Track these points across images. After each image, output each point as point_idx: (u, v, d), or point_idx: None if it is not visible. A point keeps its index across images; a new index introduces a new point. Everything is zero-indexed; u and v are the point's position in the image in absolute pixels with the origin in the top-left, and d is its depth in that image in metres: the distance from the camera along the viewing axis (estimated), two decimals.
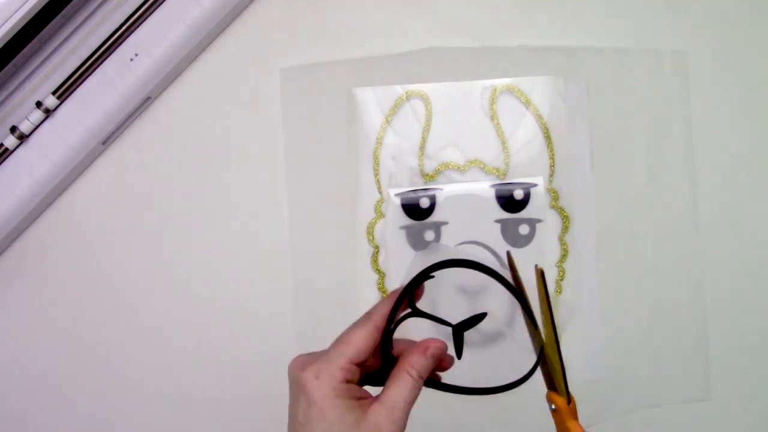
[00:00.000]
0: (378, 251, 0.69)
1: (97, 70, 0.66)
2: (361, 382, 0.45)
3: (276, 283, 0.68)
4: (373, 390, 0.46)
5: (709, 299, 0.68)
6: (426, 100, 0.69)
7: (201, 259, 0.69)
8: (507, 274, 0.51)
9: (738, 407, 0.69)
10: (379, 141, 0.69)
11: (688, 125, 0.69)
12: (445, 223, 0.69)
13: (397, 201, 0.69)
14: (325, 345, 0.67)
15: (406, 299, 0.48)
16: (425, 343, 0.46)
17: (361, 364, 0.44)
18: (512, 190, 0.69)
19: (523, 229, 0.69)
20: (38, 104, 0.66)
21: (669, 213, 0.69)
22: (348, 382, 0.43)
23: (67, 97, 0.66)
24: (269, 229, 0.69)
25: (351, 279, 0.69)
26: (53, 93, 0.66)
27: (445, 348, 0.47)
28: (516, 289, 0.49)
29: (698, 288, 0.68)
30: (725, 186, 0.69)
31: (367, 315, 0.46)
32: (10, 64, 0.67)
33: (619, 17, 0.70)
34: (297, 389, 0.42)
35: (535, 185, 0.69)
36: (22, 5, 0.63)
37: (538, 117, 0.69)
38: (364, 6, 0.70)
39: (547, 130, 0.69)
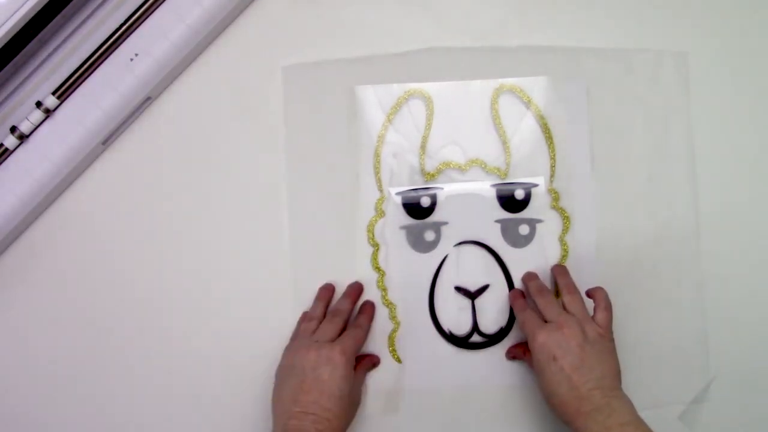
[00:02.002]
0: (378, 250, 0.69)
1: (97, 70, 0.66)
2: None
3: (276, 281, 0.69)
4: None
5: (709, 299, 0.68)
6: (427, 100, 0.69)
7: (201, 258, 0.69)
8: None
9: (738, 408, 0.69)
10: (381, 139, 0.69)
11: (688, 126, 0.69)
12: (446, 222, 0.69)
13: (398, 200, 0.69)
14: None
15: None
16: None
17: None
18: (513, 190, 0.69)
19: (524, 229, 0.69)
20: (38, 104, 0.65)
21: (669, 213, 0.69)
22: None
23: (67, 97, 0.66)
24: (270, 226, 0.69)
25: (350, 277, 0.68)
26: (53, 93, 0.66)
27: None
28: None
29: (698, 288, 0.68)
30: (725, 186, 0.69)
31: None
32: (10, 64, 0.67)
33: (620, 18, 0.70)
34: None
35: (535, 185, 0.69)
36: (22, 5, 0.63)
37: (539, 117, 0.69)
38: (366, 5, 0.70)
39: (548, 130, 0.69)
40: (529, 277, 0.67)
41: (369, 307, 0.68)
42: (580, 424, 0.57)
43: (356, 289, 0.68)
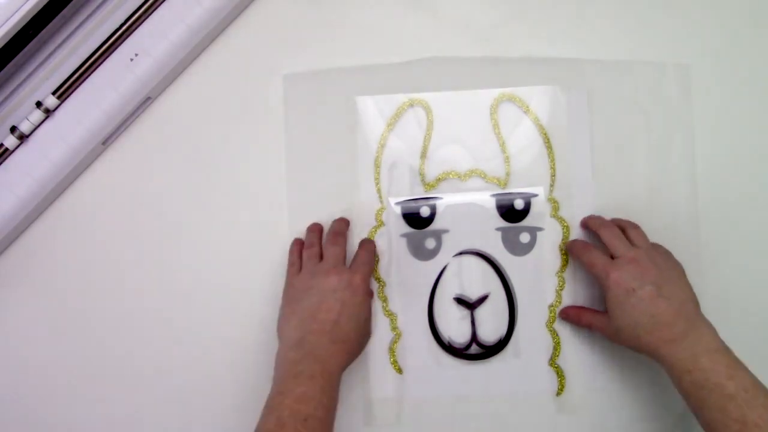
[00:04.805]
0: (378, 260, 0.68)
1: (97, 70, 0.66)
2: None
3: (275, 289, 0.68)
4: None
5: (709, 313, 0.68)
6: (427, 109, 0.68)
7: (201, 258, 0.69)
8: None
9: None
10: (381, 149, 0.69)
11: (689, 137, 0.69)
12: (446, 230, 0.68)
13: (398, 210, 0.68)
14: None
15: None
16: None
17: None
18: (513, 200, 0.68)
19: (524, 237, 0.68)
20: (38, 104, 0.65)
21: (670, 223, 0.68)
22: None
23: (67, 97, 0.66)
24: (269, 230, 0.69)
25: None
26: (53, 93, 0.65)
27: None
28: None
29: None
30: (726, 197, 0.69)
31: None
32: (10, 64, 0.66)
33: (622, 30, 0.70)
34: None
35: (535, 195, 0.68)
36: (22, 5, 0.63)
37: (540, 127, 0.68)
38: (367, 14, 0.69)
39: (548, 139, 0.68)
40: (589, 216, 0.67)
41: (368, 241, 0.67)
42: (665, 351, 0.57)
43: (344, 218, 0.68)
